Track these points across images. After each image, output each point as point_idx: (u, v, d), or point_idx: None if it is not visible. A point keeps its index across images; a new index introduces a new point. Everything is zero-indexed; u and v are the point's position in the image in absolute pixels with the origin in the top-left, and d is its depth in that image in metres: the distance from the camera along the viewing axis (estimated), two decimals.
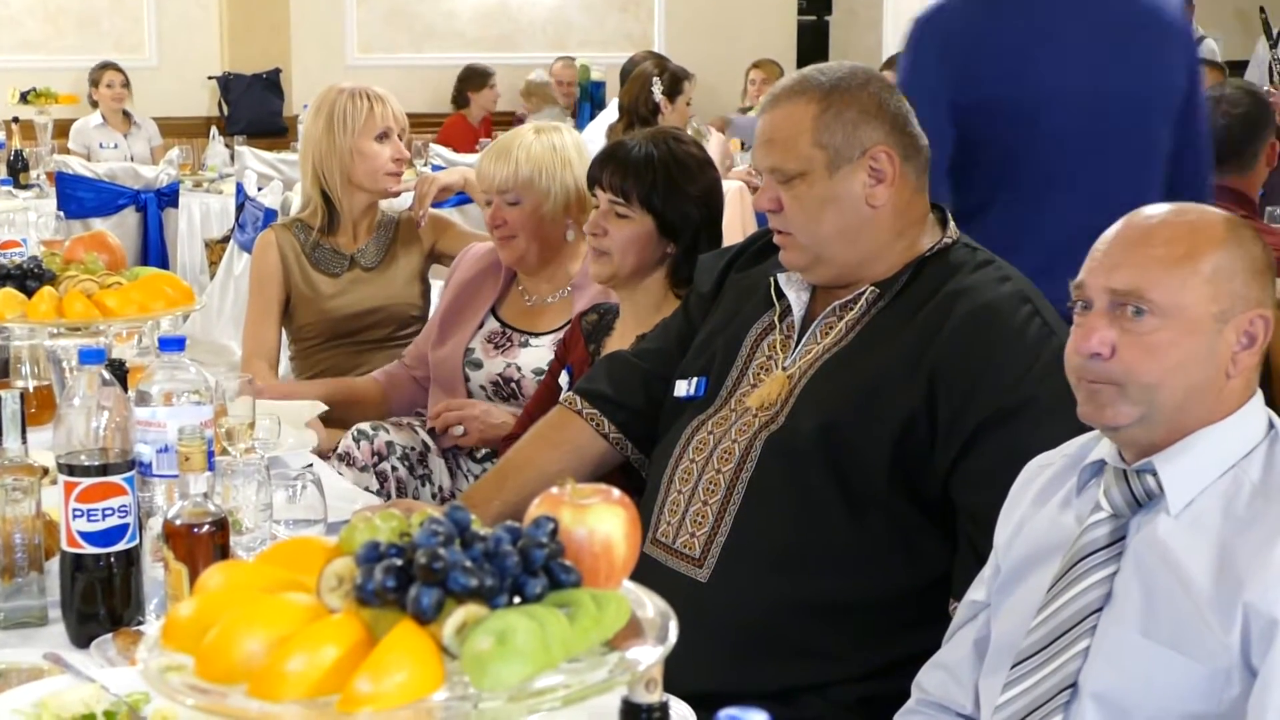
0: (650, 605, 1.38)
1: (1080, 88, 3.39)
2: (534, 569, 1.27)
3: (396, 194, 4.44)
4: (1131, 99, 3.43)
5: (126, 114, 10.18)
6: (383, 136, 4.29)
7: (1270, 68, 9.18)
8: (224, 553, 2.20)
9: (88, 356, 2.47)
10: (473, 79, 10.92)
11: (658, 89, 7.03)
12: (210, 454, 2.47)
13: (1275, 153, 4.67)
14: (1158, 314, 1.99)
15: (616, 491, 1.39)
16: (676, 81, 7.16)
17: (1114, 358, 2.00)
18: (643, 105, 7.06)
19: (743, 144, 8.75)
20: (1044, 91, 3.38)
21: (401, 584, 1.26)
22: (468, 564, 1.25)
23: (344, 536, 1.34)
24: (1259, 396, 2.07)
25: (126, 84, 10.12)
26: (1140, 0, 3.50)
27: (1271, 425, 2.05)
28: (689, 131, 8.31)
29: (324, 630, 1.24)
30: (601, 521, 1.35)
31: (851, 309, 2.67)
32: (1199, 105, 3.55)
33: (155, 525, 2.34)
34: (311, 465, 3.02)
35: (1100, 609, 2.01)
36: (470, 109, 10.88)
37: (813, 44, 13.36)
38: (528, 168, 3.77)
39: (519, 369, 3.79)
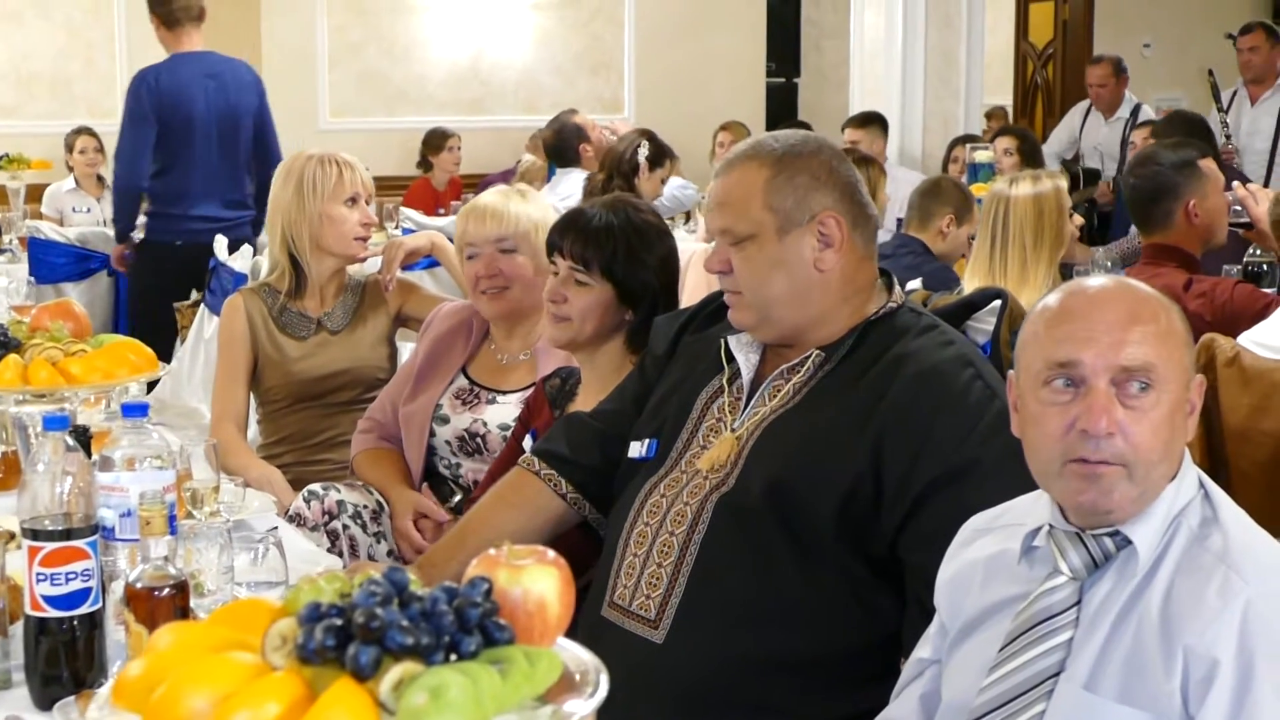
0: (583, 660, 1.43)
1: (207, 108, 6.98)
2: (469, 627, 1.32)
3: (364, 259, 4.49)
4: (230, 114, 7.05)
5: (100, 178, 10.21)
6: (351, 202, 4.35)
7: (1221, 129, 9.29)
8: (184, 615, 2.24)
9: (51, 423, 2.50)
10: (430, 141, 10.96)
11: (643, 152, 7.13)
12: (172, 518, 2.52)
13: (1191, 212, 4.74)
14: (1158, 388, 2.03)
15: (551, 553, 1.44)
16: (660, 155, 7.28)
17: (1120, 435, 2.02)
18: (626, 163, 7.17)
19: None
20: (190, 111, 6.94)
21: (341, 642, 1.31)
22: (404, 623, 1.30)
23: (289, 598, 1.39)
24: (1188, 452, 2.13)
25: (100, 149, 10.15)
26: (237, 71, 7.24)
27: (1201, 482, 2.12)
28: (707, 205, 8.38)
29: (266, 687, 1.28)
30: (536, 582, 1.40)
31: (799, 371, 2.72)
32: (265, 112, 7.22)
33: (118, 589, 2.38)
34: (276, 528, 3.06)
35: (1058, 673, 2.05)
36: (434, 172, 10.93)
37: (781, 105, 13.45)
38: (526, 222, 3.85)
39: (485, 424, 3.84)
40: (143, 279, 7.26)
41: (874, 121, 9.45)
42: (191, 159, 7.05)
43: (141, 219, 7.22)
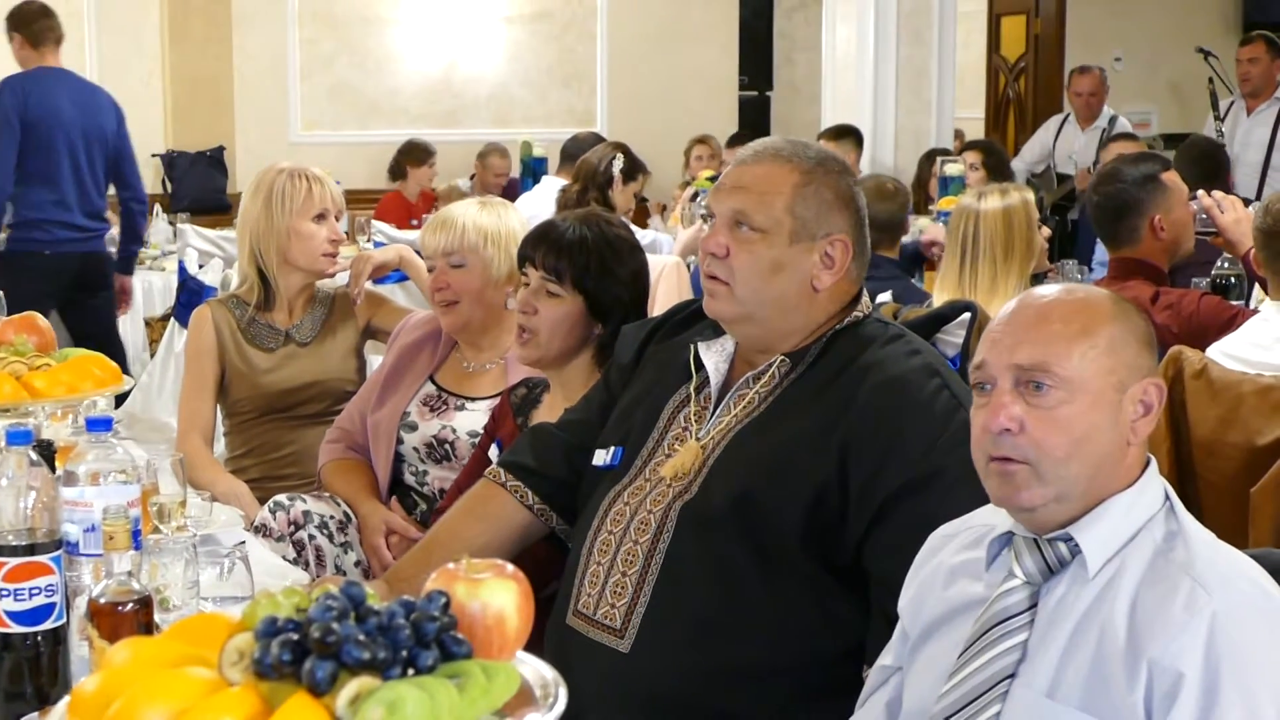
0: (542, 673, 1.43)
1: (71, 119, 7.14)
2: (426, 641, 1.32)
3: (332, 274, 4.47)
4: (90, 127, 7.22)
5: None
6: (320, 217, 4.32)
7: (1217, 138, 9.30)
8: (148, 630, 2.22)
9: (15, 437, 2.48)
10: (413, 153, 10.92)
11: (618, 164, 7.17)
12: (136, 532, 2.50)
13: (1157, 226, 4.75)
14: (1062, 387, 2.06)
15: (510, 566, 1.44)
16: (634, 168, 7.32)
17: (1023, 433, 2.06)
18: (600, 175, 7.20)
19: None
20: (55, 120, 7.10)
21: (297, 657, 1.30)
22: (361, 637, 1.29)
23: (247, 612, 1.39)
24: (1154, 463, 2.14)
25: None
26: (96, 92, 7.48)
27: (1167, 494, 2.12)
28: (682, 214, 8.40)
29: (222, 703, 1.28)
30: (494, 595, 1.40)
31: (763, 379, 2.73)
32: (125, 139, 7.42)
33: (82, 604, 2.36)
34: (243, 543, 3.05)
35: (1013, 675, 2.07)
36: (407, 184, 10.91)
37: (754, 119, 13.47)
38: (474, 234, 3.84)
39: (454, 431, 3.83)
40: (10, 291, 7.19)
41: (848, 134, 9.47)
42: (57, 166, 7.21)
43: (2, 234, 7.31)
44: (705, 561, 2.62)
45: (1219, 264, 5.33)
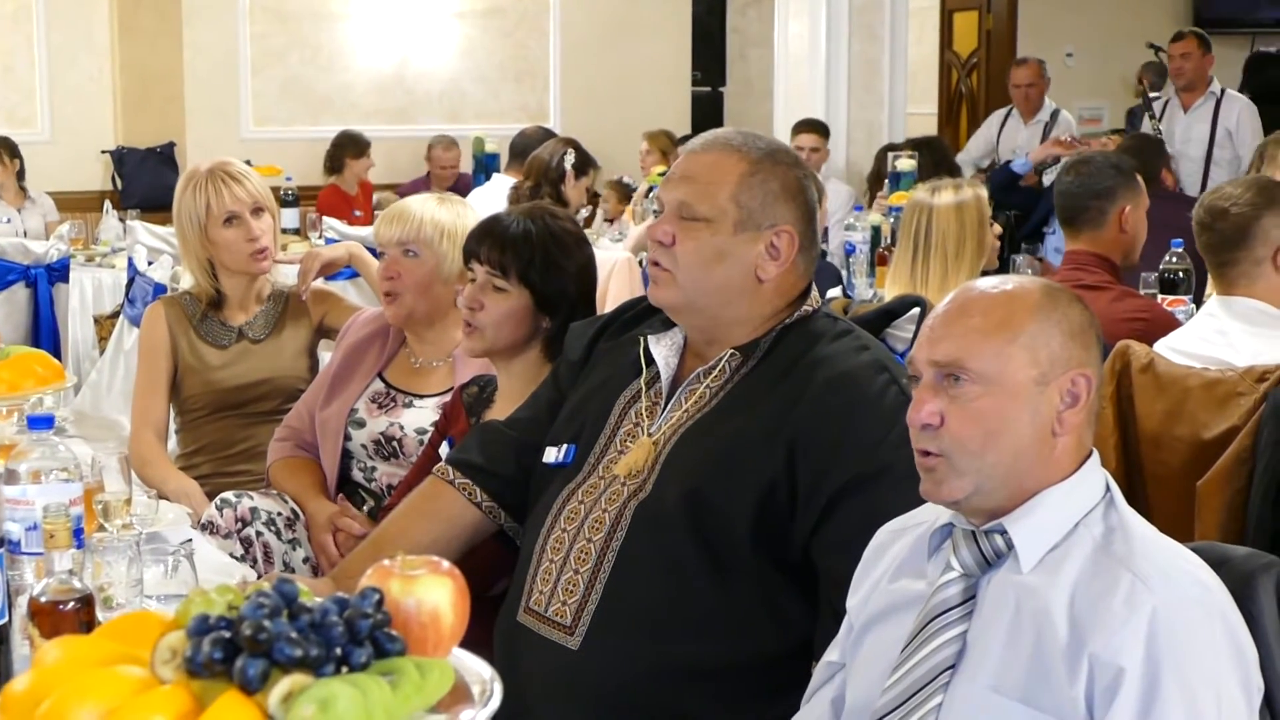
0: (478, 670, 1.42)
1: None
2: (359, 639, 1.31)
3: (266, 269, 4.41)
4: None
5: (22, 189, 10.09)
6: (230, 220, 4.29)
7: (1154, 134, 9.34)
8: (89, 628, 2.21)
9: None
10: (352, 145, 10.89)
11: (569, 160, 7.18)
12: (78, 531, 2.49)
13: (1124, 218, 4.78)
14: (978, 381, 2.08)
15: (445, 563, 1.43)
16: (585, 164, 7.34)
17: (943, 426, 2.09)
18: (553, 170, 7.21)
19: None
20: None
21: (229, 655, 1.29)
22: (293, 635, 1.28)
23: (180, 610, 1.38)
24: (1095, 457, 2.15)
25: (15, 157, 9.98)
26: None
27: (1108, 487, 2.13)
28: (638, 212, 8.42)
29: (153, 701, 1.27)
30: (429, 592, 1.39)
31: (713, 373, 2.73)
32: None
33: (24, 603, 2.35)
34: (190, 540, 3.03)
35: (953, 666, 2.08)
36: (344, 177, 10.87)
37: (707, 115, 13.47)
38: (431, 229, 3.82)
39: (401, 428, 3.82)
40: None
41: (816, 128, 9.46)
42: None
43: None
44: (657, 560, 2.62)
45: (1167, 258, 5.36)
